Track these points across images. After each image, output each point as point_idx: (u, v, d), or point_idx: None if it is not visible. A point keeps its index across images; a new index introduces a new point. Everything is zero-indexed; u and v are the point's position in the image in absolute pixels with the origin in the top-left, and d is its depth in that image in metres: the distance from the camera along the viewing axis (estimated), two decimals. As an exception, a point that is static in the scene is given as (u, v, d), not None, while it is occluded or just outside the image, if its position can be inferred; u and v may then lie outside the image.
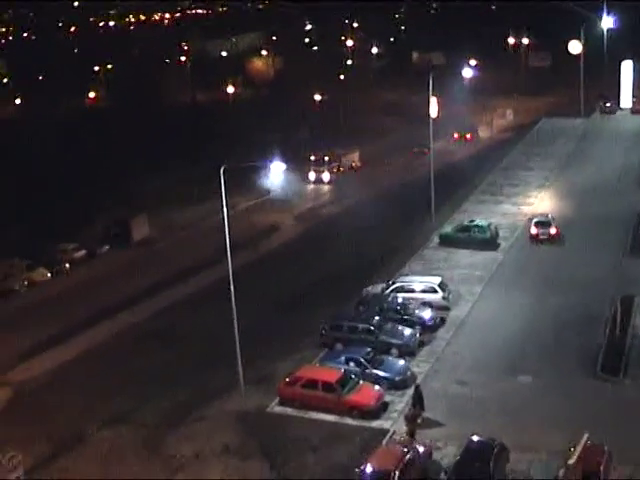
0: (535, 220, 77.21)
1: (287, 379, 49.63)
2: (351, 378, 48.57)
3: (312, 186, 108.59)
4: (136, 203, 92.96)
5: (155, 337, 62.03)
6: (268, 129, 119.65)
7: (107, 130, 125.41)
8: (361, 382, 48.58)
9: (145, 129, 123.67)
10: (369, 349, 52.16)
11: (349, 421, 46.70)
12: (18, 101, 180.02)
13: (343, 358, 51.39)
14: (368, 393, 47.68)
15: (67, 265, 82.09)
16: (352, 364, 50.58)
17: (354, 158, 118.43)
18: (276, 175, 63.31)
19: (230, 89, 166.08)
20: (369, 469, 39.00)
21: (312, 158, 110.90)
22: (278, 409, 49.05)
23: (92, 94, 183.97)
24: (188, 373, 54.88)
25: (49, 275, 79.89)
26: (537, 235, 75.26)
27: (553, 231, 75.02)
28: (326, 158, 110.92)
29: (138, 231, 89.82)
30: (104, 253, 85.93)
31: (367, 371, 50.06)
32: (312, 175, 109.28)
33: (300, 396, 48.38)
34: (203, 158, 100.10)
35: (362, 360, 50.66)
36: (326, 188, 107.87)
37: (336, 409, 47.19)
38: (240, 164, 54.04)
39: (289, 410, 48.58)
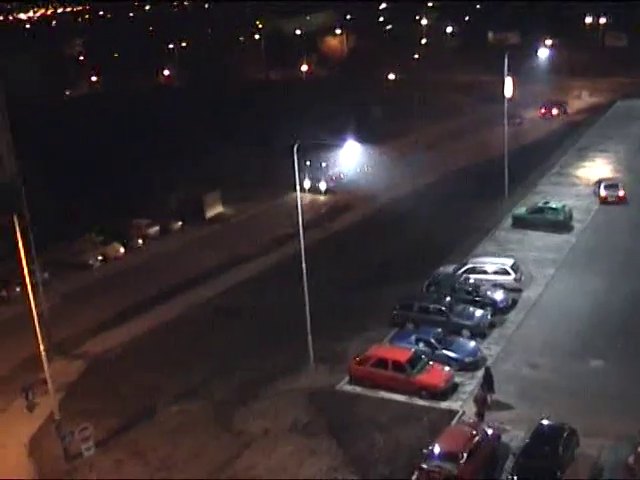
0: (604, 184, 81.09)
1: (357, 358, 49.75)
2: (421, 358, 48.53)
3: (382, 163, 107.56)
4: (210, 180, 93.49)
5: (226, 313, 62.60)
6: (342, 108, 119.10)
7: (181, 107, 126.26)
8: (431, 363, 48.52)
9: (219, 106, 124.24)
10: (440, 330, 52.07)
11: (418, 401, 46.66)
12: (94, 79, 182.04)
13: (413, 338, 51.35)
14: (438, 374, 47.61)
15: (140, 240, 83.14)
16: (422, 344, 50.53)
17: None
18: (350, 154, 63.25)
19: (304, 67, 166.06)
20: (437, 450, 39.01)
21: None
22: (347, 388, 49.20)
23: (166, 72, 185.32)
24: (259, 349, 55.30)
25: (122, 250, 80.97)
26: (605, 197, 79.39)
27: (621, 193, 79.05)
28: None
29: (211, 208, 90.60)
30: (177, 229, 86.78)
31: (437, 352, 49.97)
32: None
33: (370, 375, 48.48)
34: (277, 135, 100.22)
35: (432, 341, 50.59)
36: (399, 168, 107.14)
37: (405, 389, 47.20)
38: (314, 141, 54.03)
39: (358, 389, 48.72)
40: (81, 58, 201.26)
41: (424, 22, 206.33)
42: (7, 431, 48.95)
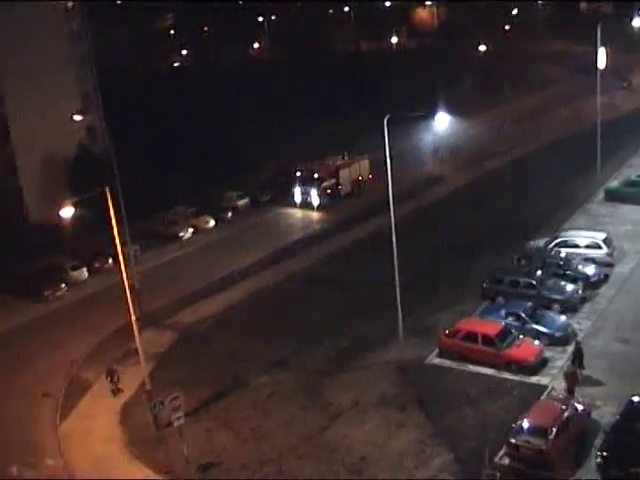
0: None
1: (447, 331, 49.63)
2: (511, 332, 48.22)
3: (474, 135, 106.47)
4: (300, 153, 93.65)
5: (318, 285, 62.93)
6: (432, 79, 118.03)
7: (272, 80, 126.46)
8: (521, 337, 48.18)
9: (310, 79, 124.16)
10: (530, 304, 51.61)
11: (507, 375, 46.38)
12: (184, 52, 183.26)
13: (503, 312, 50.99)
14: (528, 348, 47.24)
15: (230, 213, 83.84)
16: (512, 318, 50.15)
17: None
18: (441, 125, 62.89)
19: (394, 39, 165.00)
20: (526, 425, 38.75)
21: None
22: (437, 361, 49.17)
23: (256, 45, 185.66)
24: (349, 321, 55.52)
25: (213, 222, 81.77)
26: None
27: None
28: None
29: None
30: (267, 202, 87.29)
31: (527, 326, 49.56)
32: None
33: (459, 348, 48.35)
34: (367, 107, 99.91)
35: (523, 315, 50.18)
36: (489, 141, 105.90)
37: (495, 363, 46.98)
38: (404, 113, 53.79)
39: (447, 362, 48.63)
40: (171, 32, 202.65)
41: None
42: (99, 401, 49.98)
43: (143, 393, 48.17)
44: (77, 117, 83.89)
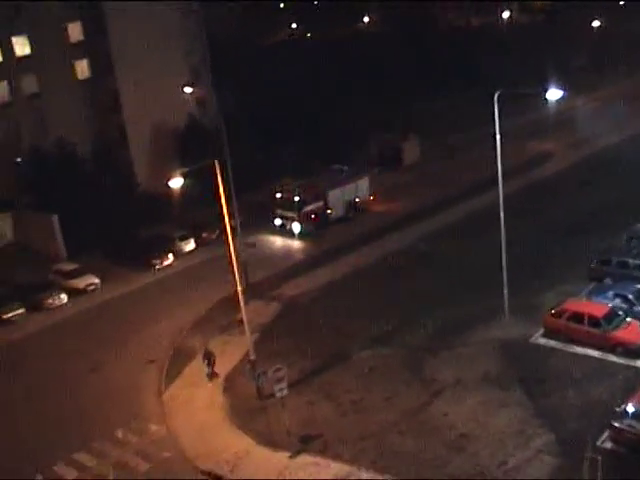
0: None
1: (553, 311, 49.03)
2: (618, 314, 47.38)
3: (585, 113, 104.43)
4: (409, 126, 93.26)
5: (422, 261, 62.74)
6: (543, 56, 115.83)
7: (382, 53, 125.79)
8: (628, 319, 47.30)
9: (420, 53, 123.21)
10: (639, 286, 50.63)
11: (613, 358, 45.60)
12: (294, 25, 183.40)
13: (611, 293, 50.11)
14: (635, 331, 46.35)
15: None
16: (620, 300, 49.24)
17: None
18: (552, 102, 61.81)
19: (505, 14, 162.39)
20: (630, 409, 38.11)
21: None
22: (542, 340, 48.62)
23: (366, 19, 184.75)
24: (453, 298, 55.23)
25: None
26: None
27: None
28: None
29: (409, 154, 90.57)
30: (375, 175, 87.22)
31: (635, 308, 48.59)
32: None
33: (565, 329, 47.73)
34: (477, 82, 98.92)
35: (630, 297, 49.22)
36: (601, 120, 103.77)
37: (600, 345, 46.25)
38: (515, 90, 52.94)
39: (552, 342, 48.05)
40: (281, 5, 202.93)
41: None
42: (203, 370, 50.68)
43: (247, 363, 48.76)
44: (187, 89, 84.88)
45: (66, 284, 67.20)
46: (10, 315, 63.32)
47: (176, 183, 46.92)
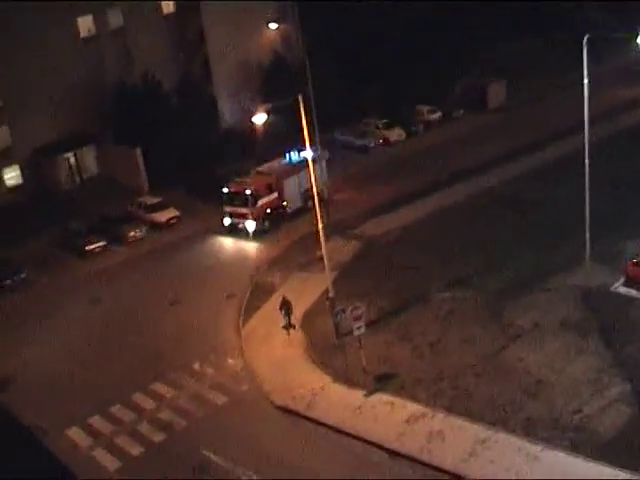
0: None
1: (634, 260, 48.33)
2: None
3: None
4: (495, 69, 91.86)
5: (504, 205, 62.05)
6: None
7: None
8: None
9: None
10: None
11: (695, 308, 45.05)
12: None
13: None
14: None
15: (422, 126, 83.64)
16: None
17: None
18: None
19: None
20: None
21: None
22: (622, 289, 47.95)
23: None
24: (534, 243, 54.65)
25: (404, 135, 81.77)
26: None
27: None
28: None
29: (494, 97, 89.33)
30: (459, 117, 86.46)
31: None
32: None
33: (646, 278, 47.09)
34: (566, 25, 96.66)
35: None
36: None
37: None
38: (604, 34, 51.64)
39: (633, 292, 47.37)
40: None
41: None
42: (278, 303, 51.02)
43: (326, 300, 48.99)
44: (272, 25, 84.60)
45: (148, 217, 68.04)
46: (92, 247, 64.38)
47: (260, 119, 47.05)
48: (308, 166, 51.04)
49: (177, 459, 39.74)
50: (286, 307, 49.27)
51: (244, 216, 63.59)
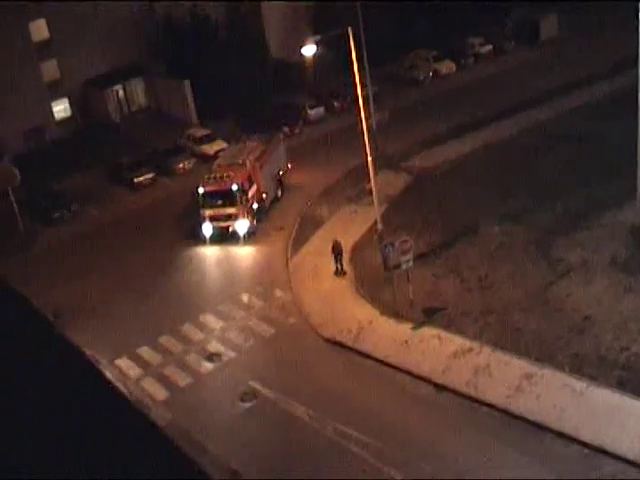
0: None
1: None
2: None
3: None
4: (548, 3, 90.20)
5: (555, 139, 61.21)
6: None
7: None
8: None
9: None
10: None
11: None
12: None
13: None
14: None
15: (473, 59, 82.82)
16: None
17: None
18: None
19: None
20: None
21: None
22: (673, 226, 47.51)
23: None
24: (584, 179, 53.95)
25: (454, 68, 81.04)
26: None
27: None
28: None
29: (546, 31, 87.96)
30: (510, 50, 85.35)
31: None
32: None
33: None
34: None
35: None
36: None
37: None
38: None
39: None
40: None
41: None
42: (330, 237, 51.01)
43: (374, 233, 49.03)
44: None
45: (196, 149, 68.27)
46: (141, 179, 64.81)
47: (309, 51, 46.83)
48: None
49: (224, 390, 40.30)
50: (337, 252, 48.14)
51: (232, 217, 53.96)
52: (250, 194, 54.76)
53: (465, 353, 39.22)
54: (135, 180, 64.45)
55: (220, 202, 53.72)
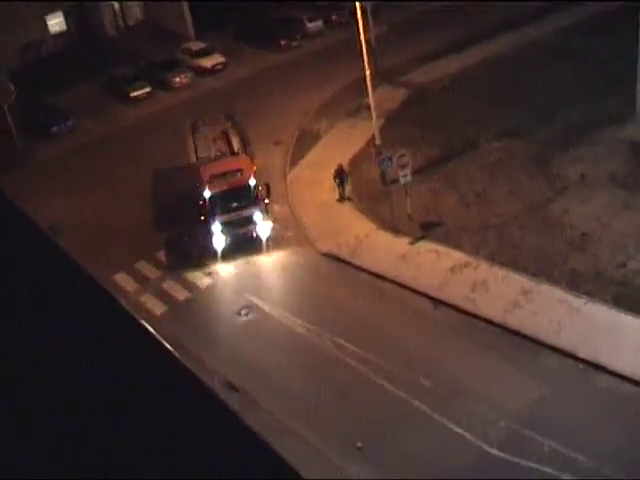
0: None
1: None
2: None
3: None
4: None
5: (554, 54, 60.45)
6: None
7: None
8: None
9: None
10: None
11: None
12: None
13: None
14: None
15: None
16: None
17: None
18: None
19: None
20: None
21: None
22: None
23: None
24: (584, 95, 53.52)
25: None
26: None
27: None
28: None
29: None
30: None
31: None
32: None
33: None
34: None
35: None
36: None
37: None
38: None
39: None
40: None
41: None
42: (328, 151, 50.93)
43: (372, 148, 48.85)
44: None
45: (193, 63, 67.63)
46: (138, 93, 64.29)
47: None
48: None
49: (222, 303, 40.52)
50: (341, 177, 46.50)
51: (251, 220, 43.86)
52: (260, 188, 44.68)
53: (462, 268, 39.36)
54: (132, 94, 63.94)
55: (234, 203, 43.78)
